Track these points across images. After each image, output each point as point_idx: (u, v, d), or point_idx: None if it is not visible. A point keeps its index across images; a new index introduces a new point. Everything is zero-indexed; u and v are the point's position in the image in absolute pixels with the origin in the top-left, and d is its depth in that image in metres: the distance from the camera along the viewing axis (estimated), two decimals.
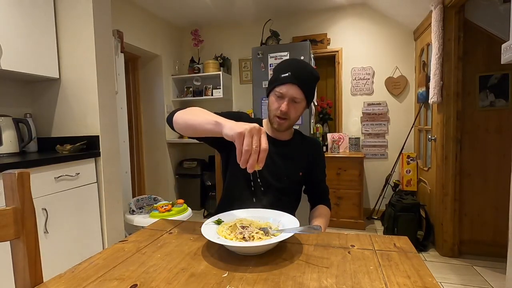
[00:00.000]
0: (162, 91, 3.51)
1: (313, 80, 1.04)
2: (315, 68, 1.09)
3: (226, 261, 0.63)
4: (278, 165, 1.07)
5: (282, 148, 1.09)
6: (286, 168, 1.07)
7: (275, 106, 1.02)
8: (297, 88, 0.99)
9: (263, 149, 0.64)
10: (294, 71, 0.99)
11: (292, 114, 1.02)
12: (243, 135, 0.65)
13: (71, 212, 1.71)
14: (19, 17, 1.68)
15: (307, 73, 1.02)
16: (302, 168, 1.11)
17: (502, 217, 2.18)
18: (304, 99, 1.02)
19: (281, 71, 1.01)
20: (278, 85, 1.01)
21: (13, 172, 0.59)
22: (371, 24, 3.25)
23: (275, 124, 1.05)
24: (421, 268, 0.59)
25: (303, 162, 1.12)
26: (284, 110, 0.99)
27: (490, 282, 1.95)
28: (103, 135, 1.92)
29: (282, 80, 1.00)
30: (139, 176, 3.54)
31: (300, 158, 1.11)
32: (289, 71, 0.99)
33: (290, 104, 1.01)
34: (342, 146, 3.18)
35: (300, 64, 1.03)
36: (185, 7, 3.21)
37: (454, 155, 2.28)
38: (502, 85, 2.22)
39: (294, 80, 0.98)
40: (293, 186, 1.12)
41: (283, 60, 1.07)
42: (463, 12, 2.21)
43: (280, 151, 1.08)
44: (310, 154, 1.14)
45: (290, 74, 0.98)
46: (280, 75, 1.00)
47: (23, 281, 0.59)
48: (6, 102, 1.92)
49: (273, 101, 1.04)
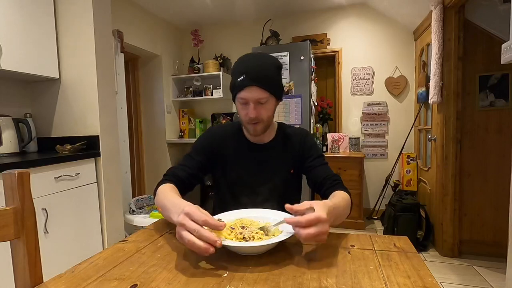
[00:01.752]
0: (162, 91, 3.51)
1: (273, 73, 0.95)
2: (275, 57, 1.01)
3: (226, 261, 0.63)
4: (262, 171, 1.02)
5: (264, 154, 1.04)
6: (271, 171, 1.03)
7: (243, 114, 0.96)
8: (258, 89, 0.90)
9: (200, 235, 0.56)
10: (249, 71, 0.90)
11: (263, 115, 0.95)
12: (180, 228, 0.59)
13: (71, 212, 1.71)
14: (19, 17, 1.68)
15: (264, 69, 0.92)
16: (291, 165, 1.05)
17: (502, 217, 2.18)
18: (270, 96, 0.94)
19: (236, 75, 0.92)
20: (238, 91, 0.93)
21: (13, 172, 0.59)
22: (371, 24, 3.25)
23: (250, 130, 1.00)
24: (421, 268, 0.59)
25: (290, 159, 1.05)
26: (252, 116, 0.93)
27: (490, 282, 1.95)
28: (103, 135, 1.92)
29: (240, 85, 0.91)
30: (139, 176, 3.54)
31: (286, 157, 1.05)
32: (243, 73, 0.90)
33: (257, 107, 0.93)
34: (342, 146, 3.18)
35: (254, 61, 0.93)
36: (185, 7, 3.21)
37: (454, 155, 2.28)
38: (502, 85, 2.22)
39: (251, 82, 0.89)
40: (286, 183, 1.06)
41: (237, 60, 0.96)
42: (463, 12, 2.21)
43: (262, 157, 1.04)
44: (296, 148, 1.06)
45: (245, 76, 0.90)
46: (236, 79, 0.92)
47: (23, 281, 0.59)
48: (6, 102, 1.92)
49: (240, 109, 0.97)
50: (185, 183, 0.97)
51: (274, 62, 0.96)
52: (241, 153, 1.04)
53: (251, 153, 1.04)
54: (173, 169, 1.00)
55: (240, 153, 1.04)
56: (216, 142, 1.05)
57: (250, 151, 1.04)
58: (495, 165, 2.25)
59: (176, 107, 3.79)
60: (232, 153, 1.04)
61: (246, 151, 1.04)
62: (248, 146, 1.05)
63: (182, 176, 0.96)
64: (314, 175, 1.01)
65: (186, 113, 3.82)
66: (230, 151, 1.04)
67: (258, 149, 1.04)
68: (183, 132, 3.81)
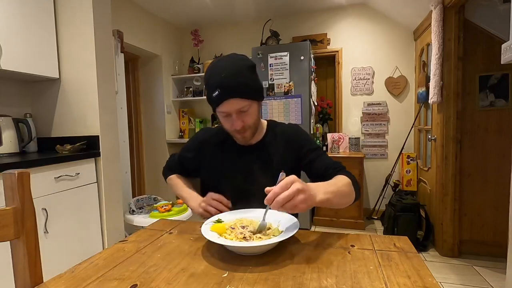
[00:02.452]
0: (162, 91, 3.51)
1: (248, 77, 0.89)
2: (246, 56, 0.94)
3: (226, 261, 0.63)
4: (251, 172, 0.99)
5: (252, 155, 1.02)
6: (260, 171, 0.99)
7: (228, 125, 0.93)
8: (236, 100, 0.87)
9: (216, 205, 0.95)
10: (223, 85, 0.85)
11: (249, 122, 0.93)
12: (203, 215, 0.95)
13: (71, 212, 1.71)
14: (20, 17, 1.68)
15: (238, 76, 0.86)
16: (281, 164, 0.98)
17: (502, 217, 2.18)
18: (251, 102, 0.91)
19: (212, 89, 0.87)
20: (217, 105, 0.89)
21: (13, 172, 0.59)
22: (371, 24, 3.25)
23: (238, 139, 0.99)
24: (421, 268, 0.59)
25: (281, 158, 1.01)
26: (238, 127, 0.90)
27: (490, 282, 1.95)
28: (103, 135, 1.92)
29: (217, 100, 0.87)
30: (139, 176, 3.54)
31: (277, 156, 1.01)
32: (217, 88, 0.85)
33: (240, 116, 0.90)
34: (342, 146, 3.18)
35: (226, 70, 0.86)
36: (185, 7, 3.21)
37: (454, 155, 2.28)
38: (502, 85, 2.22)
39: (227, 95, 0.85)
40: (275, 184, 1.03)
41: (207, 69, 0.91)
42: (463, 12, 2.21)
43: (250, 158, 1.01)
44: (287, 146, 1.02)
45: (219, 91, 0.85)
46: (212, 95, 0.87)
47: (23, 281, 0.59)
48: (6, 102, 1.92)
49: (223, 121, 0.94)
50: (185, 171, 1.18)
51: (246, 64, 0.90)
52: (228, 156, 1.04)
53: (239, 155, 1.03)
54: (170, 163, 1.19)
55: (228, 156, 1.04)
56: (204, 147, 1.07)
57: (238, 153, 1.03)
58: (495, 165, 2.25)
59: (176, 107, 3.79)
60: (219, 156, 1.05)
61: (234, 154, 1.03)
62: (236, 148, 1.03)
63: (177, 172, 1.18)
64: (315, 169, 0.98)
65: (186, 113, 3.82)
66: (218, 155, 1.05)
67: (245, 151, 1.03)
68: (183, 132, 3.81)
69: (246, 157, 1.02)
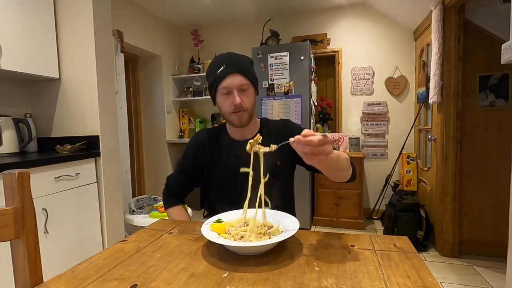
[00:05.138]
0: (162, 91, 3.51)
1: (249, 64, 1.02)
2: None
3: (226, 261, 0.63)
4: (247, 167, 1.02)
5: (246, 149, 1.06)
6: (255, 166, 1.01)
7: (228, 104, 0.99)
8: (239, 75, 0.97)
9: None
10: (228, 61, 0.97)
11: (246, 103, 0.99)
12: None
13: (71, 212, 1.71)
14: (19, 17, 1.68)
15: (241, 59, 1.00)
16: (277, 158, 1.01)
17: (502, 217, 2.17)
18: (250, 84, 1.00)
19: (216, 69, 0.98)
20: (220, 82, 0.97)
21: (13, 172, 0.59)
22: (371, 24, 3.25)
23: (235, 121, 1.01)
24: (421, 268, 0.59)
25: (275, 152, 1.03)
26: (237, 102, 0.96)
27: (490, 282, 1.95)
28: (103, 135, 1.92)
29: (221, 75, 0.97)
30: (139, 176, 3.54)
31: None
32: (223, 64, 0.97)
33: (240, 94, 0.97)
34: (342, 146, 3.18)
35: (230, 55, 1.01)
36: (185, 7, 3.21)
37: (454, 155, 2.28)
38: (502, 85, 2.22)
39: (232, 69, 0.96)
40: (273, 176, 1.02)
41: (210, 65, 1.04)
42: (463, 12, 2.21)
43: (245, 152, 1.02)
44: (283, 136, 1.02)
45: (224, 67, 0.96)
46: (216, 72, 0.98)
47: (23, 281, 0.59)
48: (6, 102, 1.92)
49: (223, 101, 1.00)
50: (183, 193, 1.17)
51: (247, 58, 1.04)
52: (224, 152, 1.07)
53: (234, 150, 1.05)
54: (171, 183, 1.16)
55: (224, 152, 1.07)
56: (201, 146, 1.10)
57: (233, 148, 1.06)
58: (495, 165, 2.25)
59: (176, 107, 3.79)
60: (216, 154, 1.07)
61: (229, 149, 1.07)
62: (231, 143, 1.07)
63: (179, 190, 1.16)
64: None
65: (186, 113, 3.82)
66: (214, 152, 1.08)
67: (241, 145, 1.04)
68: (183, 132, 3.81)
69: (239, 150, 1.04)
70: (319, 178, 3.00)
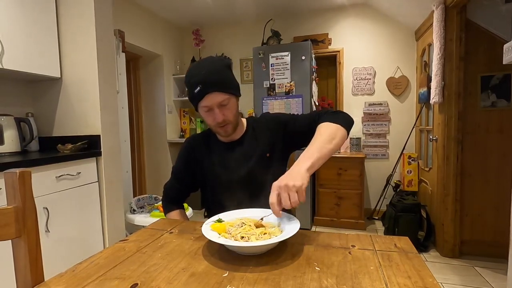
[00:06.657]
0: (163, 91, 3.51)
1: (226, 74, 0.98)
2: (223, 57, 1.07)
3: (227, 261, 0.63)
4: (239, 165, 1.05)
5: (237, 148, 1.07)
6: (246, 161, 1.05)
7: (210, 120, 1.00)
8: (217, 94, 0.94)
9: None
10: (203, 80, 0.93)
11: (229, 116, 0.99)
12: None
13: (72, 211, 1.71)
14: (21, 16, 1.69)
15: (216, 72, 0.95)
16: (266, 150, 1.06)
17: (503, 218, 2.17)
18: (230, 96, 0.98)
19: (193, 86, 0.95)
20: (199, 101, 0.96)
21: (15, 171, 0.59)
22: (372, 24, 3.25)
23: (221, 133, 1.04)
24: (421, 268, 0.59)
25: (262, 144, 1.07)
26: (220, 120, 0.97)
27: (490, 283, 1.94)
28: (104, 135, 1.93)
29: (198, 96, 0.95)
30: (140, 176, 3.55)
31: (259, 143, 1.07)
32: (199, 84, 0.94)
33: (221, 110, 0.97)
34: (343, 146, 3.18)
35: (205, 68, 0.96)
36: (186, 7, 3.21)
37: (455, 155, 2.28)
38: (503, 85, 2.21)
39: (209, 89, 0.93)
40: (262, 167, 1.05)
41: (188, 71, 1.01)
42: (464, 12, 2.21)
43: (236, 152, 1.07)
44: (265, 132, 1.09)
45: (201, 86, 0.93)
46: (194, 91, 0.95)
47: (24, 280, 0.59)
48: (8, 101, 1.93)
49: (206, 116, 1.00)
50: (181, 199, 1.19)
51: (224, 63, 1.00)
52: (216, 154, 1.08)
53: (225, 152, 1.08)
54: (167, 191, 1.17)
55: (215, 155, 1.08)
56: (191, 152, 1.12)
57: (224, 150, 1.08)
58: (496, 166, 2.24)
59: (177, 107, 3.80)
60: (207, 157, 1.09)
61: (220, 152, 1.08)
62: (222, 146, 1.09)
63: (176, 196, 1.17)
64: (300, 134, 1.04)
65: (187, 112, 3.83)
66: (205, 156, 1.09)
67: (231, 147, 1.08)
68: (184, 132, 3.81)
69: (233, 151, 1.07)
70: (320, 178, 3.00)
